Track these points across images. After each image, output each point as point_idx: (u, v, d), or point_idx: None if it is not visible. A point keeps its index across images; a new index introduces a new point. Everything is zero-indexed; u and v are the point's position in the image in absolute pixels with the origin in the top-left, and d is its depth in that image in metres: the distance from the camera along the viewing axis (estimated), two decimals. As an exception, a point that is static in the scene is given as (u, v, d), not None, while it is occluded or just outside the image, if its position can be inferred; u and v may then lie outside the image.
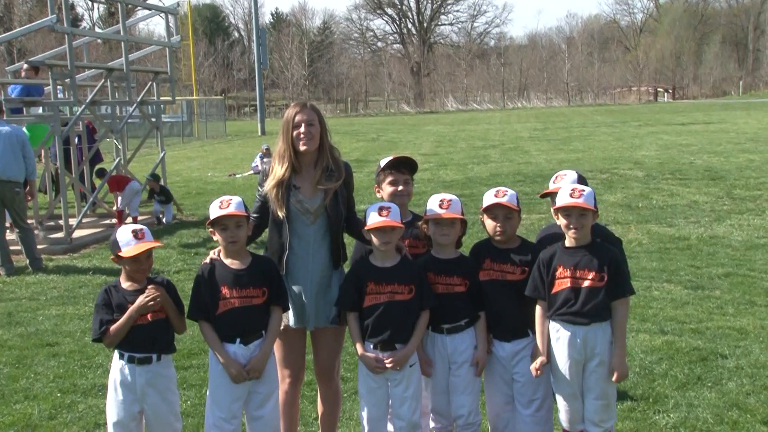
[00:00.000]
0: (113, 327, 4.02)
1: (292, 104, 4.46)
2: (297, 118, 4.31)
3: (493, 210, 4.33)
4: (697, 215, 12.64)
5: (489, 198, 4.36)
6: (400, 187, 4.52)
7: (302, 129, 4.29)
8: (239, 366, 4.07)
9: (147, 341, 4.06)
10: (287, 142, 4.34)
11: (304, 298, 4.37)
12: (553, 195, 4.47)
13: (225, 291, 4.09)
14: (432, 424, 4.54)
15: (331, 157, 4.42)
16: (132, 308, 4.01)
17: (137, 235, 4.02)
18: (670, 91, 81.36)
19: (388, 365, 4.19)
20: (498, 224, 4.32)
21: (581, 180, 4.55)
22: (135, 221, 13.14)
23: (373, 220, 4.17)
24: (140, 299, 4.01)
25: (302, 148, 4.30)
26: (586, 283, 4.11)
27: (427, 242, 4.48)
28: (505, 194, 4.33)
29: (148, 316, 4.06)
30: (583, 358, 4.17)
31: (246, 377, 4.08)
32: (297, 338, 4.50)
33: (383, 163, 4.61)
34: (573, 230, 4.14)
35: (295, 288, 4.38)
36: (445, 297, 4.32)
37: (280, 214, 4.30)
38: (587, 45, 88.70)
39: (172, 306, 4.16)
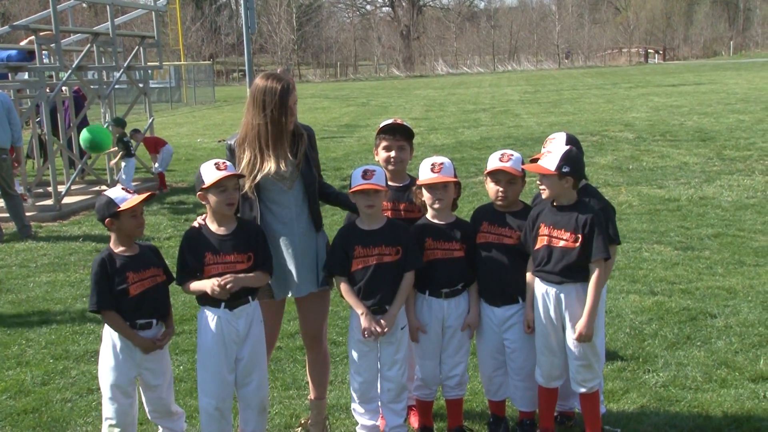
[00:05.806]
0: (117, 326, 4.00)
1: (275, 78, 4.18)
2: (293, 95, 4.18)
3: (496, 174, 4.29)
4: (687, 176, 12.68)
5: (493, 162, 4.31)
6: (393, 153, 4.47)
7: (295, 107, 4.22)
8: (146, 341, 4.04)
9: (150, 307, 4.07)
10: (283, 117, 4.15)
11: (289, 266, 4.29)
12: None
13: (209, 257, 4.03)
14: (415, 393, 4.55)
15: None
16: (138, 340, 4.02)
17: (128, 191, 4.05)
18: (661, 52, 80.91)
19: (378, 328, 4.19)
20: (500, 189, 4.30)
21: (571, 141, 4.51)
22: (161, 179, 13.50)
23: (357, 182, 4.14)
24: (148, 344, 4.03)
25: (291, 126, 4.23)
26: (561, 243, 4.12)
27: (423, 208, 4.44)
28: (510, 159, 4.28)
29: (149, 282, 4.05)
30: (556, 315, 4.18)
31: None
32: (274, 308, 4.42)
33: (380, 126, 4.56)
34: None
35: (278, 257, 4.27)
36: (444, 262, 4.30)
37: (250, 193, 4.20)
38: (577, 6, 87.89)
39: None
